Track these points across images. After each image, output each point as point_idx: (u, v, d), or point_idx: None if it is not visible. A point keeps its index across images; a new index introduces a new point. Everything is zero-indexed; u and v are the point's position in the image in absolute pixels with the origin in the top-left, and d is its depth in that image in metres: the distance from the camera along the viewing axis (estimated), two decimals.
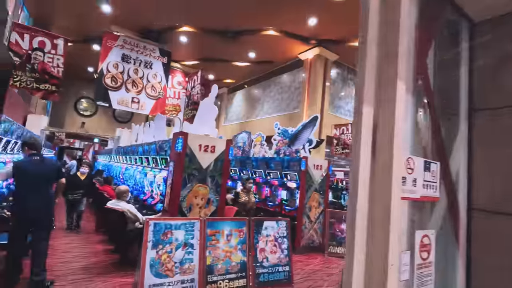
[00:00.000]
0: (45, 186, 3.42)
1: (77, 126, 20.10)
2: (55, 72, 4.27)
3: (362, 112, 1.26)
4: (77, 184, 5.86)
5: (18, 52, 3.98)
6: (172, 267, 3.09)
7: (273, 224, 4.06)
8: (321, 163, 6.38)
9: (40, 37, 4.19)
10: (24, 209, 3.25)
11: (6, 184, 4.85)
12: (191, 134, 4.21)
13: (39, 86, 4.05)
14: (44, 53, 4.23)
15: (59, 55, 4.29)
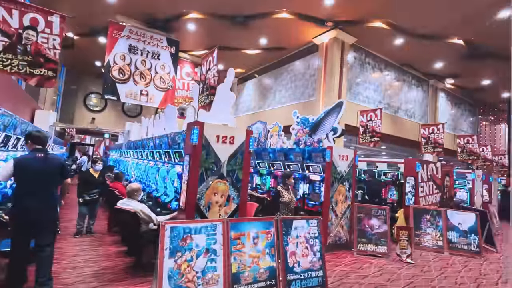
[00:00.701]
0: (48, 185, 3.06)
1: (87, 122, 19.99)
2: (51, 54, 3.82)
3: None
4: (93, 183, 5.34)
5: (6, 31, 3.53)
6: (194, 278, 2.66)
7: (303, 223, 3.58)
8: (347, 153, 5.83)
9: (32, 13, 3.73)
10: (24, 211, 2.88)
11: (10, 183, 4.51)
12: (207, 124, 3.74)
13: (33, 71, 3.60)
14: (38, 32, 3.77)
15: (54, 34, 3.82)
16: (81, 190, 5.21)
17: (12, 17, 3.52)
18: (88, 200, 5.13)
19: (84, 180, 5.34)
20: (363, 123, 9.31)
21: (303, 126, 6.65)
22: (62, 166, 3.18)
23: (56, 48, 3.80)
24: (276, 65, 14.22)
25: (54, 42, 3.88)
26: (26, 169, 2.95)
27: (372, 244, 5.47)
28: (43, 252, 2.97)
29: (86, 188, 5.19)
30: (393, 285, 4.06)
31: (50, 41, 3.81)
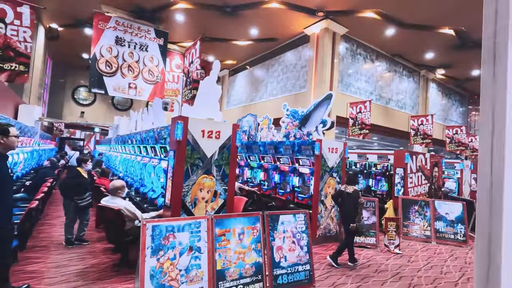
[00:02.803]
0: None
1: (76, 116, 19.61)
2: (22, 48, 3.65)
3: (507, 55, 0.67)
4: (83, 184, 4.58)
5: None
6: (177, 276, 2.62)
7: (290, 218, 3.57)
8: (337, 145, 5.81)
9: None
10: None
11: None
12: (192, 119, 3.65)
13: (3, 66, 3.43)
14: (6, 24, 3.57)
15: (25, 26, 3.63)
16: (71, 193, 4.50)
17: None
18: (81, 205, 4.44)
19: (76, 183, 4.54)
20: (353, 115, 9.31)
21: (293, 118, 6.60)
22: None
23: (27, 41, 3.63)
24: (268, 56, 14.05)
25: (24, 35, 3.69)
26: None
27: (362, 236, 5.51)
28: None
29: (78, 192, 4.48)
30: (380, 276, 4.10)
31: (21, 33, 3.62)
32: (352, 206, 4.39)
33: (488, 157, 0.67)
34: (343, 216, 4.61)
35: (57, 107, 19.33)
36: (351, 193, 4.45)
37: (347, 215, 4.45)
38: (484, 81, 0.70)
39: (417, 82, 15.22)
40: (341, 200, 4.58)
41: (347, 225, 4.42)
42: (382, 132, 13.33)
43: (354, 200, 4.39)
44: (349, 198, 4.45)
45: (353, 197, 4.42)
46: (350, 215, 4.39)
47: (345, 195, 4.52)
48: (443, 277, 4.22)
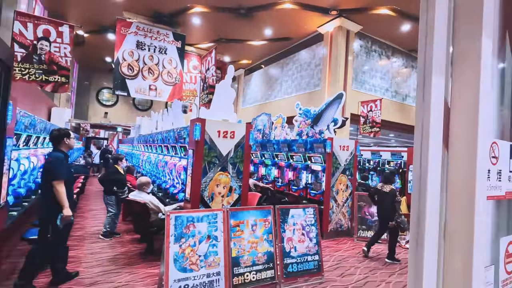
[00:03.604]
0: (43, 183, 3.09)
1: (100, 117, 20.66)
2: (63, 62, 4.13)
3: (430, 85, 0.92)
4: (122, 181, 5.05)
5: (23, 43, 3.85)
6: (197, 261, 2.97)
7: (300, 211, 3.83)
8: (348, 143, 5.98)
9: (44, 25, 4.01)
10: None
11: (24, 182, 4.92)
12: (208, 120, 3.99)
13: (48, 78, 3.93)
14: (50, 42, 4.06)
15: (65, 43, 4.11)
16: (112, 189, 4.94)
17: (27, 29, 3.82)
18: (121, 199, 4.86)
19: (115, 179, 5.00)
20: (364, 113, 9.34)
21: (306, 117, 6.81)
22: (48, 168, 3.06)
23: (67, 56, 4.10)
24: (282, 55, 14.22)
25: (65, 51, 4.18)
26: None
27: (372, 231, 5.66)
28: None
29: (119, 187, 4.95)
30: (389, 269, 4.28)
31: (62, 49, 4.11)
32: (389, 205, 4.55)
33: (418, 155, 0.93)
34: (380, 214, 4.77)
35: (83, 108, 20.45)
36: (388, 192, 4.61)
37: (385, 213, 4.62)
38: (418, 102, 0.96)
39: None
40: (378, 198, 4.74)
41: (385, 223, 4.61)
42: (399, 129, 13.18)
43: (392, 199, 4.55)
44: (386, 197, 4.60)
45: (390, 195, 4.57)
46: (388, 213, 4.56)
47: (382, 194, 4.67)
48: None
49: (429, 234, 0.88)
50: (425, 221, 0.88)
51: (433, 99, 0.90)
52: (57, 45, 4.02)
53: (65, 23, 4.36)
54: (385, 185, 4.72)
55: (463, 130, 0.91)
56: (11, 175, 3.56)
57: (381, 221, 4.75)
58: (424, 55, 0.93)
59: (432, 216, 0.89)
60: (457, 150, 0.92)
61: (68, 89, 4.37)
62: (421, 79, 0.94)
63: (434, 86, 0.91)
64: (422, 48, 0.95)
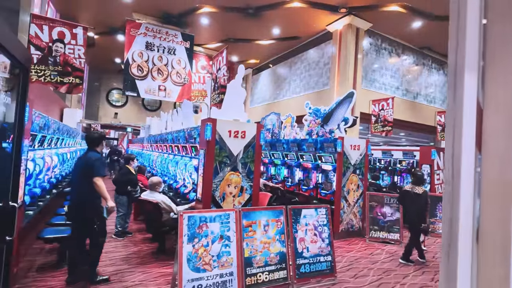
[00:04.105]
0: (82, 181, 3.29)
1: (110, 117, 20.96)
2: (77, 63, 4.19)
3: (462, 85, 0.89)
4: (134, 181, 5.16)
5: (39, 45, 3.93)
6: (210, 261, 2.97)
7: (312, 212, 3.80)
8: (359, 142, 5.91)
9: (59, 27, 4.09)
10: (69, 201, 3.50)
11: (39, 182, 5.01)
12: (219, 120, 3.99)
13: (63, 80, 4.00)
14: (65, 44, 4.13)
15: (79, 45, 4.18)
16: (126, 189, 5.01)
17: (42, 32, 3.90)
18: (134, 199, 4.94)
19: (127, 179, 5.07)
20: (375, 112, 9.20)
21: (315, 117, 6.75)
22: (91, 165, 3.26)
23: (81, 57, 4.17)
24: (290, 54, 14.15)
25: (79, 52, 4.25)
26: (74, 165, 3.56)
27: (384, 232, 5.59)
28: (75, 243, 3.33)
29: (131, 187, 5.04)
30: (403, 270, 4.21)
31: (76, 51, 4.18)
32: (422, 207, 4.46)
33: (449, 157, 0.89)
34: (410, 216, 4.63)
35: (94, 109, 20.79)
36: (421, 194, 4.50)
37: (416, 215, 4.49)
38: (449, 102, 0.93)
39: (447, 74, 14.54)
40: (408, 200, 4.60)
41: (415, 225, 4.51)
42: (410, 127, 12.97)
43: (424, 201, 4.46)
44: (418, 199, 4.48)
45: (423, 197, 4.47)
46: (420, 216, 4.46)
47: (412, 196, 4.54)
48: None
49: (462, 240, 0.85)
50: (458, 225, 0.85)
51: (465, 99, 0.87)
52: (71, 46, 4.09)
53: (79, 25, 4.43)
54: (416, 187, 4.58)
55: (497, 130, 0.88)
56: (26, 175, 3.63)
57: (412, 224, 4.60)
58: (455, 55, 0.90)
59: (465, 220, 0.86)
60: (491, 151, 0.88)
61: (82, 90, 4.43)
62: (452, 79, 0.90)
63: (466, 86, 0.87)
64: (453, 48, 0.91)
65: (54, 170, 5.73)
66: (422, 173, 4.82)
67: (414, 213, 4.50)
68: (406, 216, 4.80)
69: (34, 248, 4.12)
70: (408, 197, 4.58)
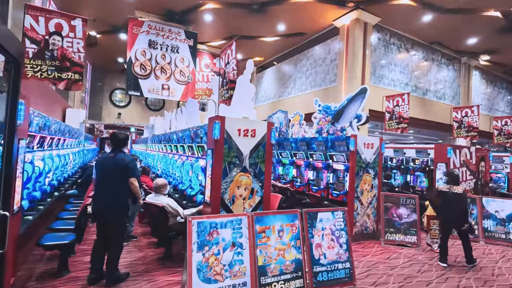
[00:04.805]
0: (115, 182, 3.30)
1: (113, 117, 20.83)
2: (76, 58, 3.96)
3: None
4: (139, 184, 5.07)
5: (34, 38, 3.69)
6: (221, 271, 2.73)
7: (329, 215, 3.54)
8: (372, 141, 5.63)
9: (56, 18, 3.85)
10: (95, 204, 3.30)
11: (48, 180, 4.83)
12: (228, 118, 3.74)
13: (61, 75, 3.77)
14: (62, 37, 3.90)
15: (78, 38, 3.94)
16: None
17: (38, 24, 3.66)
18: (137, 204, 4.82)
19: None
20: (389, 108, 8.89)
21: (325, 114, 6.49)
22: (125, 166, 3.29)
23: (81, 51, 3.93)
24: (295, 51, 13.88)
25: (78, 46, 4.01)
26: (98, 167, 3.41)
27: (400, 234, 5.31)
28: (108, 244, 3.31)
29: None
30: (424, 277, 3.94)
31: (75, 44, 3.94)
32: (464, 206, 4.38)
33: None
34: (449, 217, 4.46)
35: (97, 109, 20.67)
36: (462, 193, 4.37)
37: (458, 216, 4.35)
38: None
39: (457, 70, 14.19)
40: (446, 201, 4.45)
41: (455, 225, 4.41)
42: (419, 125, 12.63)
43: (465, 200, 4.39)
44: (460, 198, 4.35)
45: (463, 197, 4.37)
46: (461, 216, 4.34)
47: (452, 196, 4.39)
48: (495, 280, 3.96)
49: None
50: None
51: None
52: (69, 40, 3.85)
53: (78, 16, 4.18)
54: (454, 186, 4.44)
55: None
56: (25, 178, 3.42)
57: (452, 224, 4.47)
58: None
59: None
60: None
61: (81, 87, 4.19)
62: None
63: None
64: None
65: (56, 172, 5.53)
66: (457, 173, 4.73)
67: (455, 214, 4.36)
68: (444, 217, 4.58)
69: (34, 255, 3.91)
70: (446, 198, 4.42)
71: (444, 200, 4.45)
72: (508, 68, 15.63)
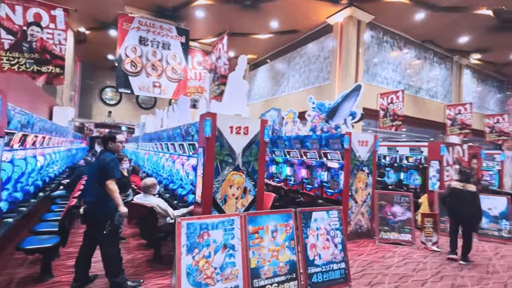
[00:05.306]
0: (94, 183, 3.11)
1: (104, 116, 20.43)
2: (57, 50, 3.75)
3: None
4: (126, 184, 4.65)
5: (11, 29, 3.47)
6: (212, 274, 2.61)
7: (324, 214, 3.44)
8: (367, 138, 5.57)
9: (34, 8, 3.64)
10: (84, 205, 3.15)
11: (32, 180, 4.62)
12: (220, 115, 3.61)
13: (41, 69, 3.57)
14: (42, 28, 3.68)
15: (59, 29, 3.72)
16: None
17: (15, 13, 3.43)
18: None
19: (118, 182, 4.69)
20: (384, 106, 8.86)
21: (319, 111, 6.40)
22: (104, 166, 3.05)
23: (62, 43, 3.71)
24: (289, 49, 13.78)
25: (59, 38, 3.79)
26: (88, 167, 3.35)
27: (395, 232, 5.28)
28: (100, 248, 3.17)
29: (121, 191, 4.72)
30: (420, 276, 3.89)
31: (56, 36, 3.73)
32: (477, 205, 4.34)
33: None
34: (462, 215, 4.42)
35: (87, 108, 20.23)
36: (476, 192, 4.36)
37: (473, 214, 4.35)
38: None
39: (449, 68, 14.30)
40: (458, 199, 4.41)
41: (472, 224, 4.42)
42: (412, 123, 12.69)
43: (479, 198, 4.35)
44: (473, 196, 4.34)
45: (477, 195, 4.36)
46: (475, 215, 4.34)
47: (466, 194, 4.36)
48: (490, 277, 3.93)
49: None
50: None
51: None
52: (50, 31, 3.64)
53: (59, 6, 3.96)
54: (468, 184, 4.41)
55: None
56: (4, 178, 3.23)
57: (465, 223, 4.45)
58: None
59: None
60: None
61: (63, 81, 3.98)
62: None
63: None
64: None
65: (41, 171, 5.31)
66: (469, 170, 4.76)
67: (469, 212, 4.34)
68: (456, 215, 4.53)
69: (15, 259, 3.72)
70: (460, 196, 4.38)
71: (457, 198, 4.40)
72: (498, 66, 15.83)
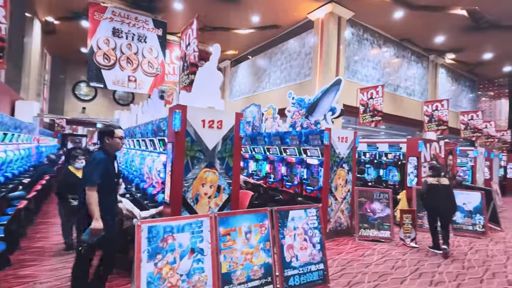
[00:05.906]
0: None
1: (78, 112, 19.41)
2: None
3: None
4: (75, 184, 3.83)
5: None
6: (178, 282, 2.35)
7: (301, 213, 3.27)
8: (347, 134, 5.47)
9: None
10: None
11: None
12: (190, 107, 3.33)
13: None
14: None
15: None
16: (62, 194, 4.08)
17: None
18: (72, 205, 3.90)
19: (69, 183, 4.05)
20: (364, 101, 8.85)
21: (299, 107, 6.24)
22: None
23: (2, 22, 3.26)
24: (270, 44, 13.59)
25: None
26: None
27: (374, 229, 5.21)
28: None
29: (69, 192, 4.01)
30: (399, 273, 3.82)
31: None
32: (452, 198, 4.49)
33: None
34: (440, 209, 4.56)
35: (59, 103, 19.12)
36: (449, 185, 4.53)
37: (450, 207, 4.51)
38: None
39: (426, 67, 14.65)
40: (434, 193, 4.54)
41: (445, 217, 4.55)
42: (391, 120, 12.89)
43: (452, 191, 4.53)
44: (447, 190, 4.49)
45: (451, 188, 4.53)
46: (450, 208, 4.51)
47: (441, 188, 4.50)
48: (466, 273, 3.92)
49: None
50: None
51: None
52: None
53: None
54: (441, 179, 4.58)
55: None
56: None
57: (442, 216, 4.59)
58: None
59: None
60: None
61: (4, 65, 3.54)
62: None
63: None
64: None
65: None
66: (440, 165, 4.92)
67: (445, 206, 4.51)
68: (435, 209, 4.65)
69: None
70: (436, 191, 4.52)
71: (433, 193, 4.53)
72: (470, 66, 16.42)
